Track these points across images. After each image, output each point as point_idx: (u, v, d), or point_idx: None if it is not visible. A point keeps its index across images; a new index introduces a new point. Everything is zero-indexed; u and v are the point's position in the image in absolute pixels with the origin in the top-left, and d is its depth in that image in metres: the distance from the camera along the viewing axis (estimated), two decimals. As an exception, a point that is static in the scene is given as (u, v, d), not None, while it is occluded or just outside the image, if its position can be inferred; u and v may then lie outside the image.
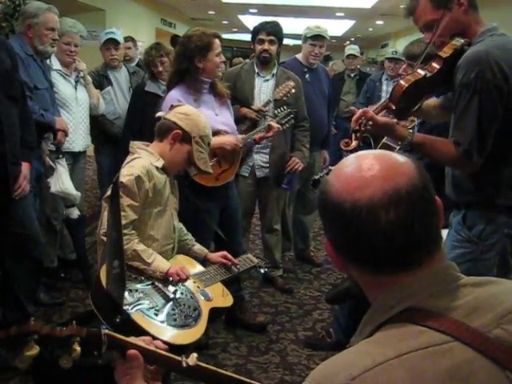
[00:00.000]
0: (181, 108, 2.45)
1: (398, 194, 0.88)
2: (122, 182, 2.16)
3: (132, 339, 1.12)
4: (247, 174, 3.97)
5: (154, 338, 1.81)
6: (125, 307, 1.99)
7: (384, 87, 5.90)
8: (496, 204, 2.13)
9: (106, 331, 1.05)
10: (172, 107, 2.48)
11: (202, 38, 3.14)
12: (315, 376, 0.85)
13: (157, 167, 2.34)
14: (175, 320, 2.14)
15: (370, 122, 2.19)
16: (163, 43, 4.50)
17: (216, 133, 3.16)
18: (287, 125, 3.71)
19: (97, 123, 4.41)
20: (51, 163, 3.64)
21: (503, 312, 0.88)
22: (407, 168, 0.92)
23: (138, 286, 2.20)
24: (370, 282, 0.95)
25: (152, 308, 2.12)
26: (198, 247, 2.66)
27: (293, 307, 4.01)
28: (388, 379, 0.80)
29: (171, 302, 2.20)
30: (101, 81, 4.55)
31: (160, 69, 4.17)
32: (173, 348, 1.99)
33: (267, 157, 3.95)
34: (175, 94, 3.12)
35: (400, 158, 0.94)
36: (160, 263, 2.28)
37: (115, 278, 1.60)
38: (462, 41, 2.14)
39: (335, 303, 3.66)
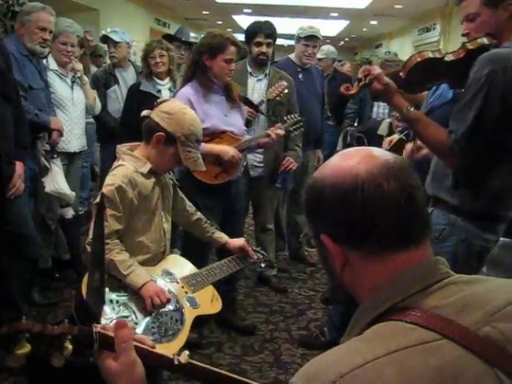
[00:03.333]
0: (164, 105, 2.33)
1: (392, 167, 0.94)
2: (102, 193, 2.10)
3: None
4: (240, 174, 3.97)
5: None
6: (103, 321, 1.95)
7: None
8: (463, 208, 2.16)
9: (98, 329, 1.05)
10: (157, 104, 2.37)
11: (216, 38, 3.19)
12: (304, 373, 0.85)
13: (142, 173, 2.26)
14: (153, 334, 2.09)
15: (375, 80, 2.18)
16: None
17: (223, 132, 3.23)
18: (295, 132, 3.71)
19: (101, 120, 4.43)
20: (46, 163, 3.64)
21: (493, 310, 0.89)
22: (387, 152, 1.00)
23: (120, 296, 2.15)
24: (368, 270, 0.95)
25: (131, 321, 2.07)
26: (217, 235, 2.62)
27: (287, 307, 4.01)
28: (377, 377, 0.80)
29: (152, 314, 2.15)
30: (108, 79, 4.56)
31: (158, 60, 4.13)
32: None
33: (261, 156, 3.96)
34: (186, 92, 3.20)
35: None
36: (136, 278, 2.17)
37: (95, 290, 1.59)
38: (494, 41, 2.12)
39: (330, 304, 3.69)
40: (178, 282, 2.34)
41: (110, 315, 2.04)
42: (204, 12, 16.36)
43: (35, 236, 3.20)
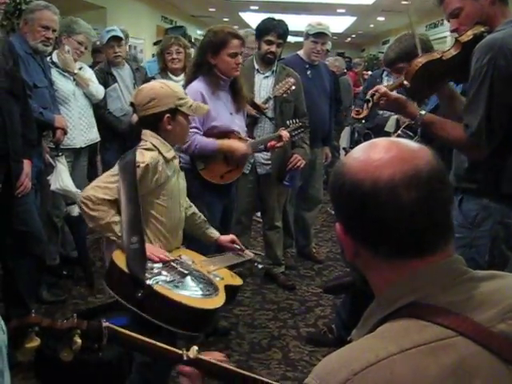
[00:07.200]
0: (140, 100, 2.29)
1: (419, 176, 0.89)
2: (136, 161, 2.14)
3: (132, 334, 1.11)
4: (248, 171, 3.97)
5: (181, 304, 1.84)
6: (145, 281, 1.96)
7: (385, 83, 5.89)
8: (491, 191, 2.14)
9: (107, 324, 1.05)
10: (134, 106, 2.33)
11: (218, 34, 3.11)
12: (318, 372, 0.85)
13: (166, 158, 2.27)
14: (196, 291, 2.08)
15: (384, 98, 2.23)
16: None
17: (231, 132, 3.19)
18: (296, 137, 3.69)
19: (103, 120, 4.41)
20: (51, 161, 3.64)
21: (508, 307, 0.88)
22: (424, 152, 0.93)
23: (153, 264, 2.14)
24: (381, 268, 0.94)
25: (172, 281, 2.06)
26: (210, 231, 2.63)
27: (295, 304, 4.01)
28: (391, 375, 0.80)
29: (189, 276, 2.14)
30: (106, 78, 4.54)
31: (174, 56, 4.17)
32: (200, 314, 1.97)
33: (268, 154, 3.94)
34: (197, 87, 3.13)
35: (415, 144, 0.96)
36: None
37: (135, 253, 1.59)
38: (483, 28, 2.14)
39: (333, 293, 3.67)
40: (196, 264, 2.34)
41: (148, 276, 2.00)
42: (210, 9, 16.36)
43: (42, 234, 3.21)
